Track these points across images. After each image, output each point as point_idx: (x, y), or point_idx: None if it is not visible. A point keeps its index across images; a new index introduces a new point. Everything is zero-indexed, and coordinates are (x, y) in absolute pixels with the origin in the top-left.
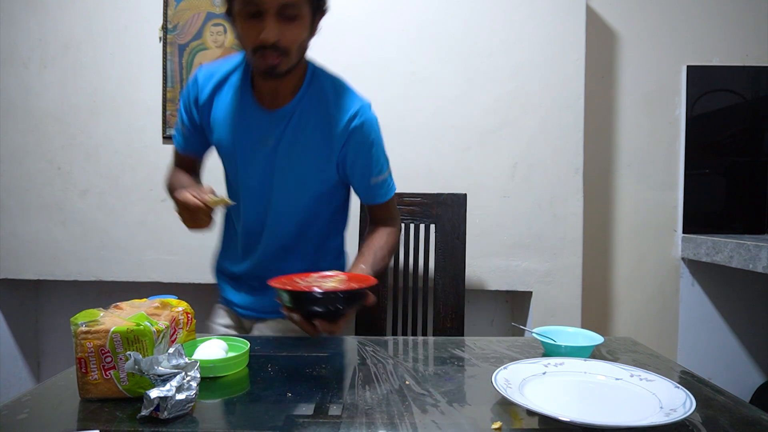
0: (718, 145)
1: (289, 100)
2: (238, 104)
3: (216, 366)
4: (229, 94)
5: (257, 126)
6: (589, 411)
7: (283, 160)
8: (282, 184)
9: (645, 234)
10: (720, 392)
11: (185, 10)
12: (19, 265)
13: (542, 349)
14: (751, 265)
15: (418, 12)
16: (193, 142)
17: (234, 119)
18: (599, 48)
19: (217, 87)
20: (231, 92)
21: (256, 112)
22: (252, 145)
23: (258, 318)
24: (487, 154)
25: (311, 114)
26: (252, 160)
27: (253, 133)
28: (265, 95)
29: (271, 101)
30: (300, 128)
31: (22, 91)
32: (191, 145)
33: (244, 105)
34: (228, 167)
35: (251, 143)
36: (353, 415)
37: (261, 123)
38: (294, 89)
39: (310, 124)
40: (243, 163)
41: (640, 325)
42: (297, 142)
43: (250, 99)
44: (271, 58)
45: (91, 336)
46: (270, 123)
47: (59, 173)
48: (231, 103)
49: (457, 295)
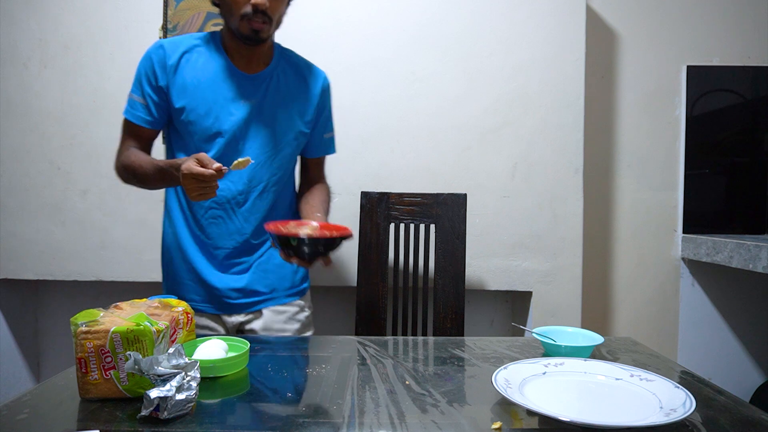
0: (718, 145)
1: (265, 65)
2: (213, 68)
3: (216, 366)
4: (200, 60)
5: (238, 87)
6: (589, 411)
7: (267, 118)
8: (264, 143)
9: (645, 234)
10: (720, 392)
11: (185, 10)
12: (19, 265)
13: (542, 349)
14: (751, 265)
15: (418, 12)
16: (156, 113)
17: (211, 81)
18: (599, 48)
19: (185, 53)
20: (202, 59)
21: (235, 74)
22: (234, 106)
23: (248, 306)
24: (487, 154)
25: (288, 76)
26: (233, 120)
27: (233, 93)
28: (239, 61)
29: (247, 66)
30: (281, 88)
31: (22, 91)
32: (155, 116)
33: (220, 69)
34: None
35: (233, 104)
36: (353, 415)
37: (241, 84)
38: (267, 56)
39: (290, 85)
40: (222, 123)
41: (640, 325)
42: (280, 101)
43: (226, 63)
44: (258, 23)
45: (91, 336)
46: (251, 85)
47: (59, 173)
48: (204, 67)
49: (457, 295)
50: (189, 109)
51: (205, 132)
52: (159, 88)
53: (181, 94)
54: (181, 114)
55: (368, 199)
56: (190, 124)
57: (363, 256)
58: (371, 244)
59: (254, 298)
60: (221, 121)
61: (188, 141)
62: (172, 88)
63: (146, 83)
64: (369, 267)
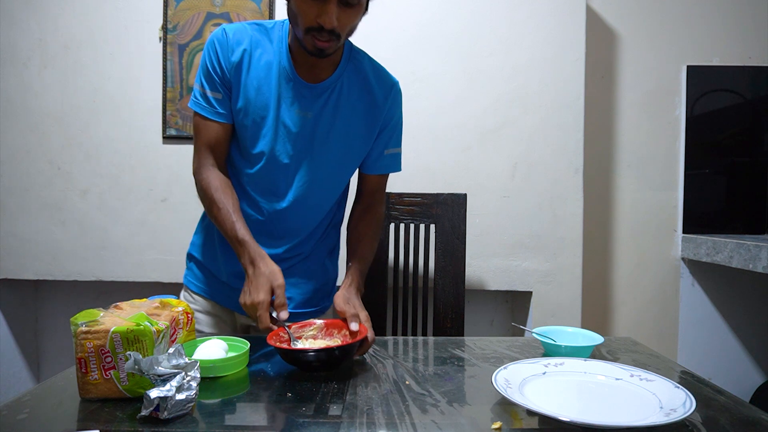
0: (718, 145)
1: (330, 73)
2: (274, 73)
3: (216, 366)
4: (263, 60)
5: (297, 97)
6: (589, 411)
7: (323, 132)
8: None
9: (645, 234)
10: (720, 392)
11: (185, 10)
12: (19, 265)
13: (542, 349)
14: (751, 265)
15: (418, 12)
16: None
17: (271, 87)
18: (599, 48)
19: (248, 50)
20: (265, 59)
21: (297, 83)
22: (291, 117)
23: None
24: (487, 154)
25: (352, 87)
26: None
27: (292, 103)
28: (303, 68)
29: (310, 75)
30: (342, 101)
31: (22, 91)
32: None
33: (282, 75)
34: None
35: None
36: (353, 415)
37: (301, 95)
38: (334, 64)
39: (352, 97)
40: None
41: (640, 325)
42: (339, 115)
43: (288, 70)
44: (323, 42)
45: (91, 336)
46: (311, 95)
47: (59, 173)
48: (266, 70)
49: (457, 295)
50: (245, 112)
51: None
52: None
53: (243, 94)
54: (239, 115)
55: None
56: (243, 128)
57: None
58: None
59: None
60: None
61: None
62: (238, 85)
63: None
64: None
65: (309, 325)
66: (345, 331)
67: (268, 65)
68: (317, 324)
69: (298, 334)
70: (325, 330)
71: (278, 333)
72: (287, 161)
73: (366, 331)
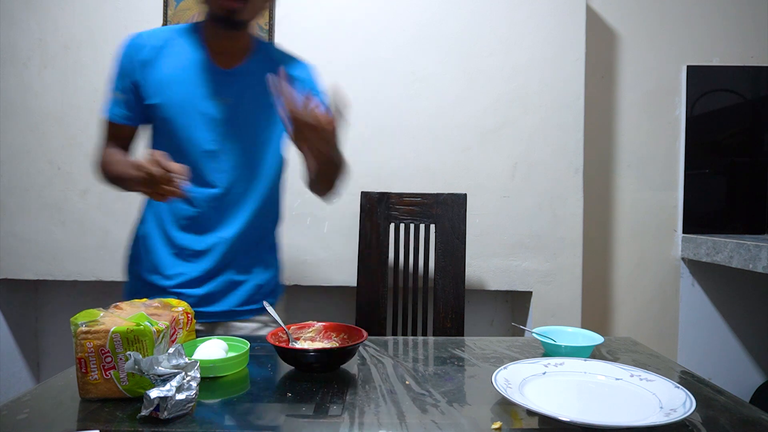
0: (718, 145)
1: (243, 58)
2: (190, 63)
3: (216, 366)
4: (177, 54)
5: (215, 83)
6: (589, 411)
7: (244, 115)
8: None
9: (645, 234)
10: (720, 392)
11: (185, 10)
12: (19, 265)
13: (542, 349)
14: (751, 265)
15: (418, 12)
16: (135, 110)
17: (187, 77)
18: (599, 48)
19: (160, 48)
20: (179, 53)
21: (212, 70)
22: (210, 103)
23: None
24: (487, 154)
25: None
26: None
27: (210, 90)
28: (218, 55)
29: (225, 61)
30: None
31: (22, 91)
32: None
33: (197, 64)
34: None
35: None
36: (353, 415)
37: (219, 81)
38: (245, 49)
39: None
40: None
41: (640, 325)
42: (258, 97)
43: (203, 58)
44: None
45: (91, 336)
46: (229, 81)
47: (59, 173)
48: (181, 62)
49: (457, 295)
50: (164, 106)
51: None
52: (134, 83)
53: (157, 90)
54: (157, 111)
55: (368, 199)
56: (166, 122)
57: (363, 256)
58: (371, 244)
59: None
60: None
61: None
62: (146, 83)
63: (122, 78)
64: (369, 267)
65: (307, 326)
66: (343, 334)
67: (184, 58)
68: (316, 326)
69: (297, 335)
70: (324, 332)
71: (278, 333)
72: (213, 148)
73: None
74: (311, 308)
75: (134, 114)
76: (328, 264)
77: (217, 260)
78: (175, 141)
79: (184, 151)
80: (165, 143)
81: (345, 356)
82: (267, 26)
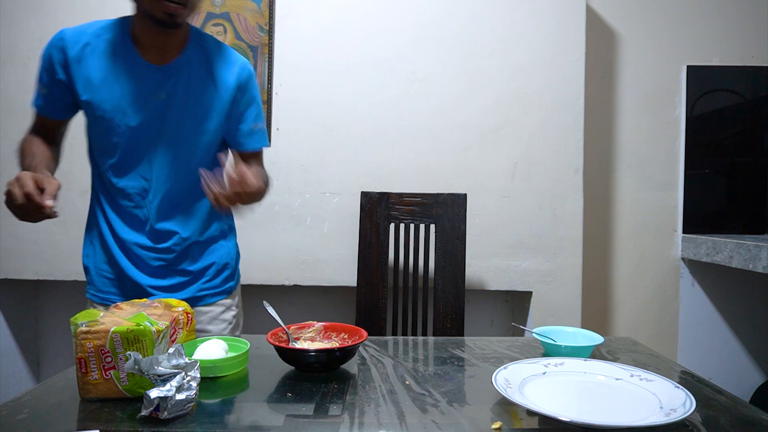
0: (718, 145)
1: (176, 55)
2: (120, 61)
3: (216, 366)
4: (106, 52)
5: (146, 81)
6: (589, 411)
7: (176, 112)
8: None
9: (645, 234)
10: (720, 392)
11: None
12: (19, 265)
13: (542, 349)
14: (751, 265)
15: (418, 12)
16: (56, 104)
17: (117, 76)
18: (599, 48)
19: (87, 45)
20: (108, 50)
21: (144, 67)
22: (142, 101)
23: None
24: (487, 154)
25: (199, 67)
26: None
27: (141, 88)
28: (149, 51)
29: (156, 57)
30: (191, 81)
31: (22, 91)
32: (55, 107)
33: (127, 61)
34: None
35: (141, 99)
36: (353, 415)
37: (150, 78)
38: (180, 45)
39: (200, 77)
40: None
41: (640, 325)
42: (190, 94)
43: (133, 55)
44: (172, 5)
45: (91, 336)
46: (160, 77)
47: (59, 173)
48: (110, 60)
49: (457, 295)
50: (95, 104)
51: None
52: (58, 81)
53: (86, 88)
54: (88, 108)
55: (368, 199)
56: (99, 120)
57: (363, 256)
58: (371, 244)
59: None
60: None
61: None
62: (75, 81)
63: (46, 74)
64: (369, 267)
65: (307, 326)
66: (343, 334)
67: (113, 55)
68: (316, 326)
69: (297, 335)
70: (324, 332)
71: (278, 333)
72: (145, 144)
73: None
74: (311, 308)
75: (57, 107)
76: (328, 264)
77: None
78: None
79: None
80: (98, 137)
81: (345, 356)
82: (267, 26)
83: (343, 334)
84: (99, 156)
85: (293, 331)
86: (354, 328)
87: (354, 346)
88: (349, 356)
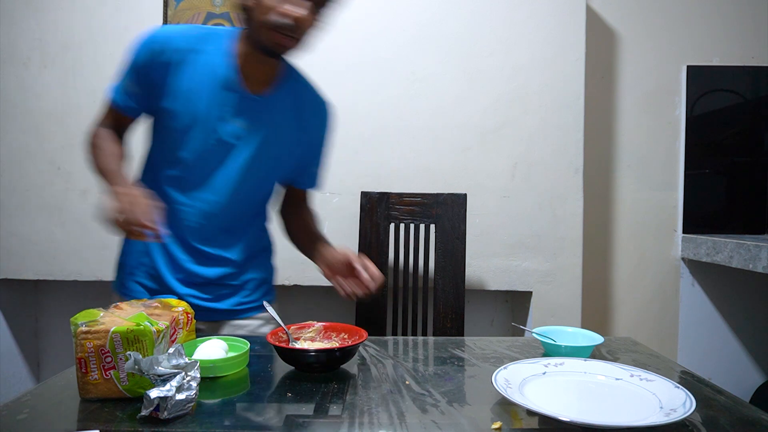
0: (718, 145)
1: (270, 86)
2: (214, 78)
3: (216, 366)
4: (205, 65)
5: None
6: (589, 411)
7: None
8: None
9: (645, 234)
10: (720, 392)
11: (185, 10)
12: (19, 265)
13: (542, 349)
14: (751, 265)
15: (418, 12)
16: (139, 102)
17: (207, 93)
18: (599, 48)
19: (190, 52)
20: (207, 63)
21: (236, 91)
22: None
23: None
24: (487, 154)
25: (289, 105)
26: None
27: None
28: (246, 76)
29: (252, 84)
30: (278, 118)
31: (22, 91)
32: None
33: (222, 81)
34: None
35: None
36: (353, 415)
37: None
38: (276, 77)
39: (288, 116)
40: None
41: (640, 325)
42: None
43: (230, 76)
44: (287, 39)
45: (91, 336)
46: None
47: (59, 173)
48: (205, 74)
49: (457, 295)
50: (175, 114)
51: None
52: (150, 81)
53: (173, 96)
54: (166, 116)
55: (368, 199)
56: (171, 131)
57: None
58: (371, 244)
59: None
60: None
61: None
62: (164, 85)
63: (136, 71)
64: None
65: (307, 326)
66: (343, 334)
67: (208, 71)
68: (316, 326)
69: (297, 335)
70: (324, 332)
71: (278, 333)
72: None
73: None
74: (311, 308)
75: (138, 106)
76: None
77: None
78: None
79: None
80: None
81: (345, 356)
82: None
83: (343, 334)
84: (158, 163)
85: (293, 331)
86: (354, 328)
87: (354, 346)
88: (349, 356)
